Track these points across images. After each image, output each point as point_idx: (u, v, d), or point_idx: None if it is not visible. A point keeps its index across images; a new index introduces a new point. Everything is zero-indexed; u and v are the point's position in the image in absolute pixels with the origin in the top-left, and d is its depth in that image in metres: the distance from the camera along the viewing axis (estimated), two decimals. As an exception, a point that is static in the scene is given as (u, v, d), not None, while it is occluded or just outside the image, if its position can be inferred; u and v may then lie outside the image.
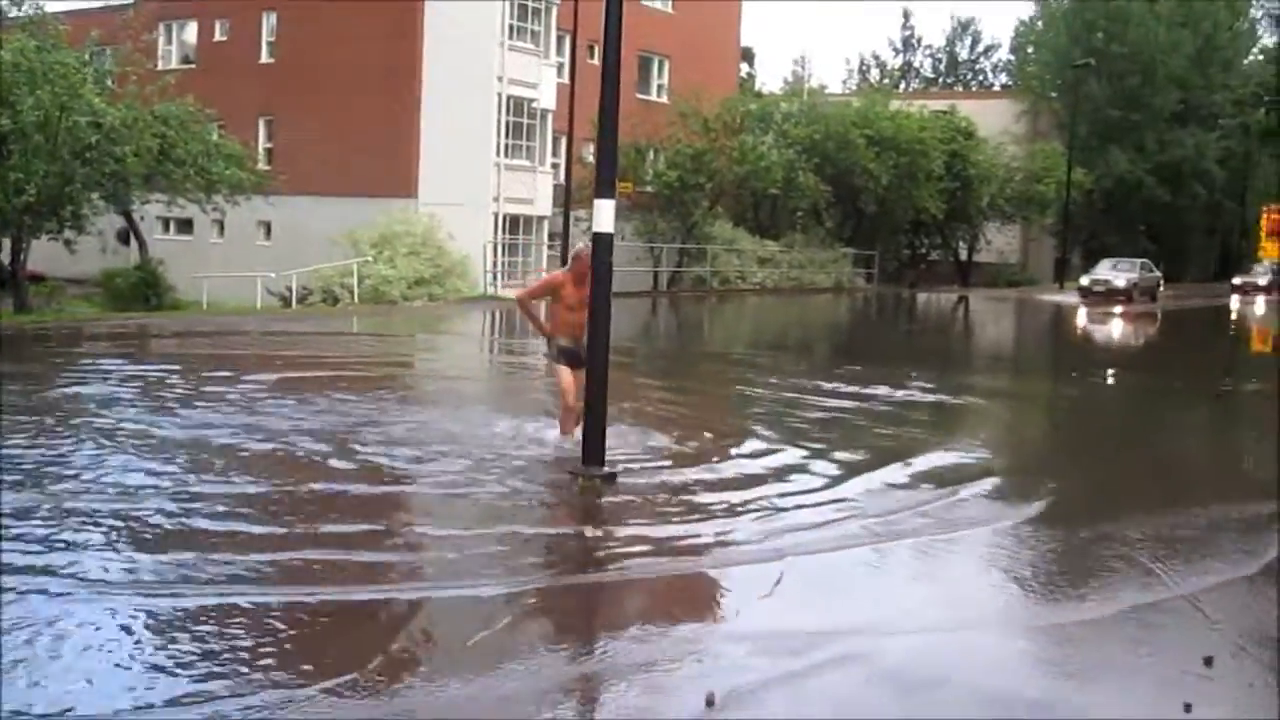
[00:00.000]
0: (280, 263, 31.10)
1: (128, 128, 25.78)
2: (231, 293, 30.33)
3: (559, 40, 35.81)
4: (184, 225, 36.11)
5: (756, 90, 54.18)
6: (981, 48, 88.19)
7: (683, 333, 28.38)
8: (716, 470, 9.63)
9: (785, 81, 50.66)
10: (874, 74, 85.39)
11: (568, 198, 30.41)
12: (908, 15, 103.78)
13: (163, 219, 35.02)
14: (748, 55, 61.51)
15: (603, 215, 9.01)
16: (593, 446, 8.94)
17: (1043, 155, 54.76)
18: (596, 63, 9.23)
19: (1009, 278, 55.25)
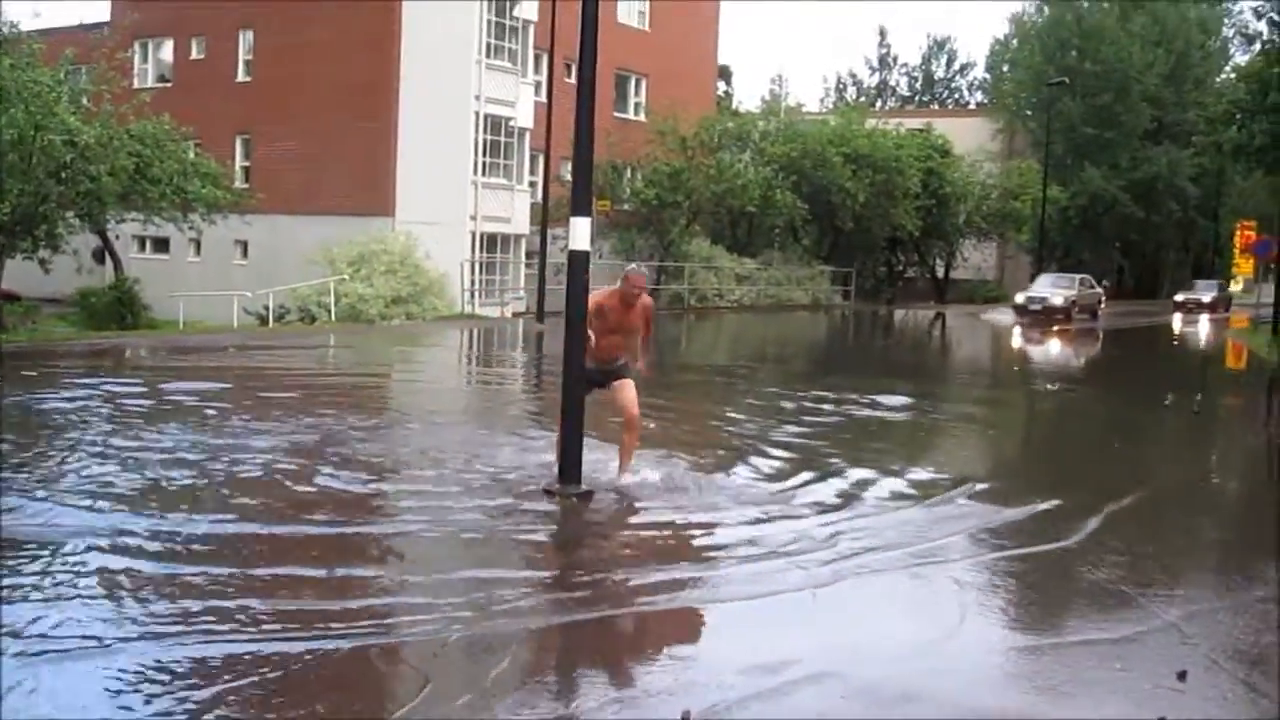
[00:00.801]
0: (257, 281, 31.04)
1: (103, 146, 25.70)
2: (209, 312, 30.24)
3: (536, 59, 35.86)
4: (160, 244, 36.01)
5: (733, 108, 54.32)
6: (957, 66, 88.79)
7: (661, 350, 28.36)
8: (692, 488, 9.59)
9: (762, 100, 50.81)
10: (851, 92, 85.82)
11: (545, 216, 30.41)
12: (884, 34, 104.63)
13: (139, 238, 34.94)
14: (725, 74, 61.68)
15: (579, 233, 9.01)
16: (570, 464, 8.92)
17: (1018, 172, 55.13)
18: (574, 81, 9.23)
19: (985, 294, 55.50)
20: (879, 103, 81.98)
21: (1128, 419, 16.16)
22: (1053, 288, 41.35)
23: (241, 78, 36.79)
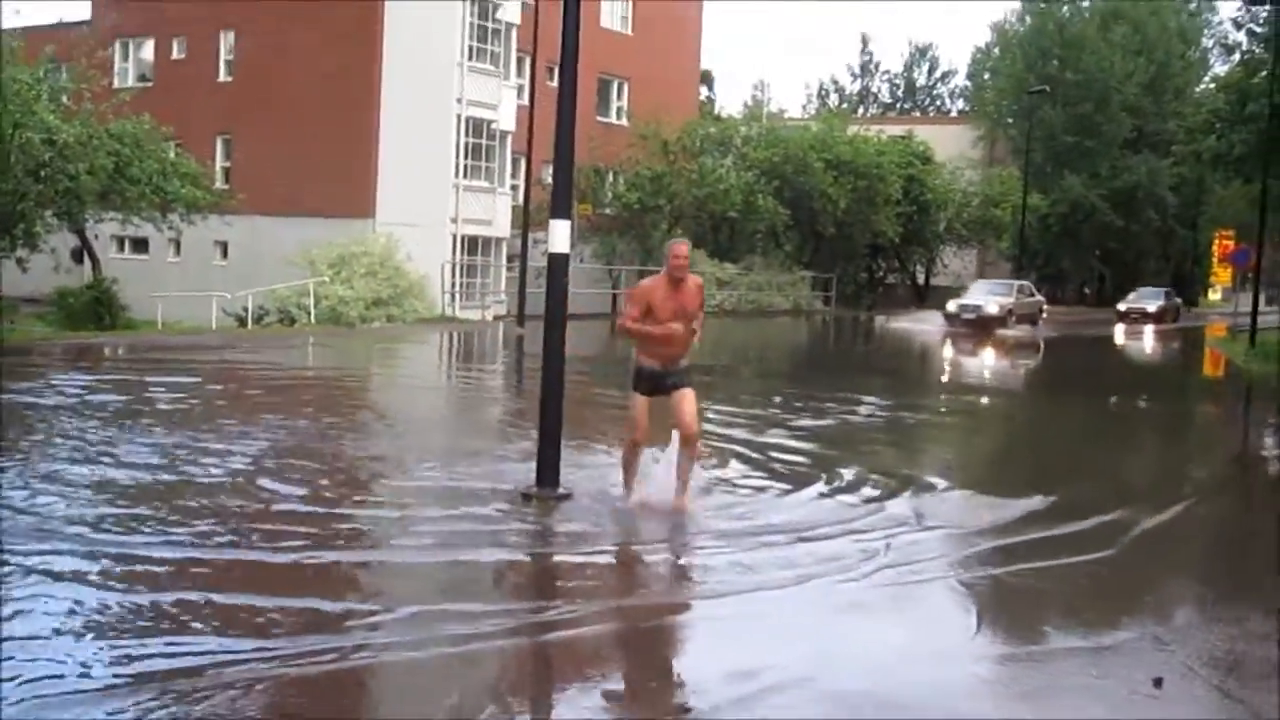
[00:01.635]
0: (237, 282, 30.86)
1: (82, 145, 25.55)
2: (188, 312, 30.06)
3: (519, 62, 35.81)
4: (139, 244, 35.81)
5: (716, 113, 54.37)
6: (939, 74, 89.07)
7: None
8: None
9: (745, 105, 50.80)
10: (833, 99, 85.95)
11: (526, 219, 30.37)
12: (866, 41, 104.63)
13: (118, 238, 34.72)
14: (707, 79, 61.71)
15: (558, 235, 8.98)
16: (547, 467, 8.90)
17: (999, 180, 55.30)
18: (556, 84, 9.20)
19: (964, 301, 55.49)
20: (861, 109, 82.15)
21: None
22: (988, 295, 39.29)
23: (223, 78, 36.61)
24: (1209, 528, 10.04)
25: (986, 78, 67.98)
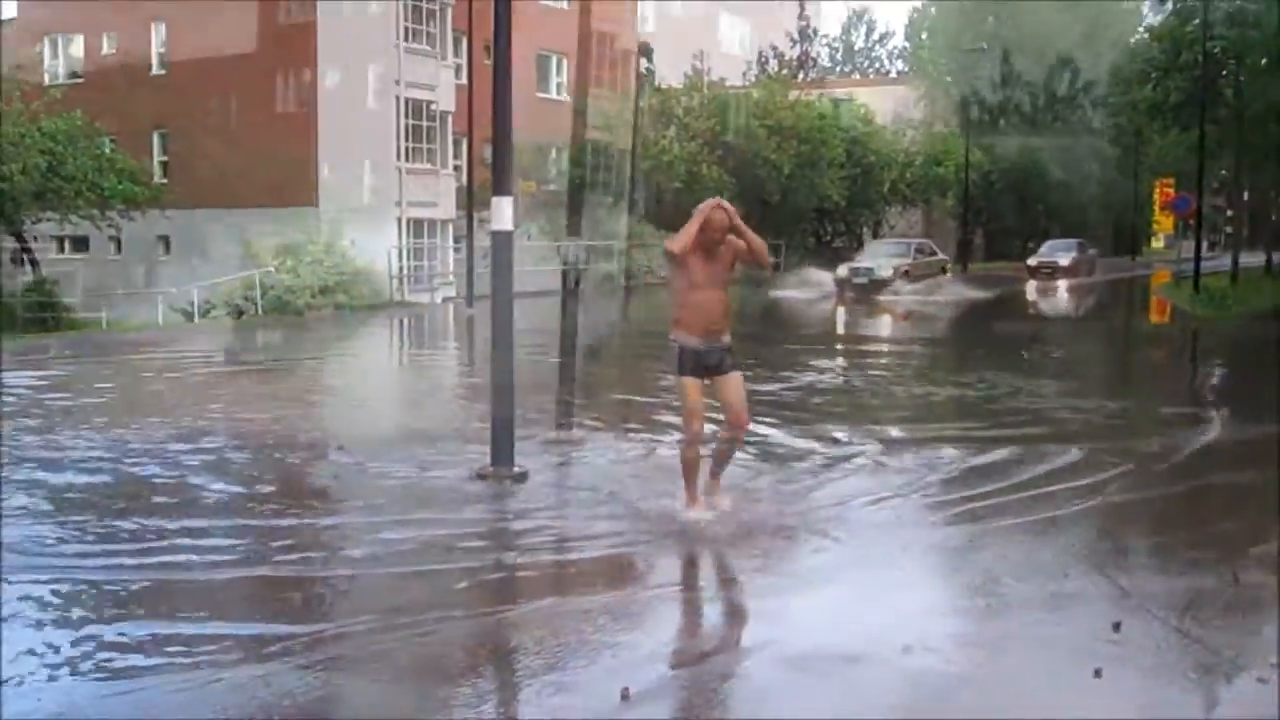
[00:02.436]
0: (182, 277, 30.56)
1: (13, 145, 25.20)
2: (133, 310, 29.74)
3: (456, 41, 35.54)
4: (79, 243, 35.34)
5: (656, 85, 54.17)
6: (876, 36, 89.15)
7: (593, 327, 28.27)
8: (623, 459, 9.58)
9: (685, 76, 50.58)
10: (773, 65, 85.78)
11: (470, 199, 30.19)
12: (803, 5, 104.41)
13: (56, 238, 34.25)
14: (646, 51, 61.42)
15: (501, 212, 8.92)
16: (501, 445, 8.86)
17: (940, 139, 55.57)
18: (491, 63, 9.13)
19: (914, 260, 55.81)
20: (801, 74, 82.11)
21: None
22: (883, 257, 36.57)
23: (156, 71, 36.11)
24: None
25: (924, 38, 68.22)
